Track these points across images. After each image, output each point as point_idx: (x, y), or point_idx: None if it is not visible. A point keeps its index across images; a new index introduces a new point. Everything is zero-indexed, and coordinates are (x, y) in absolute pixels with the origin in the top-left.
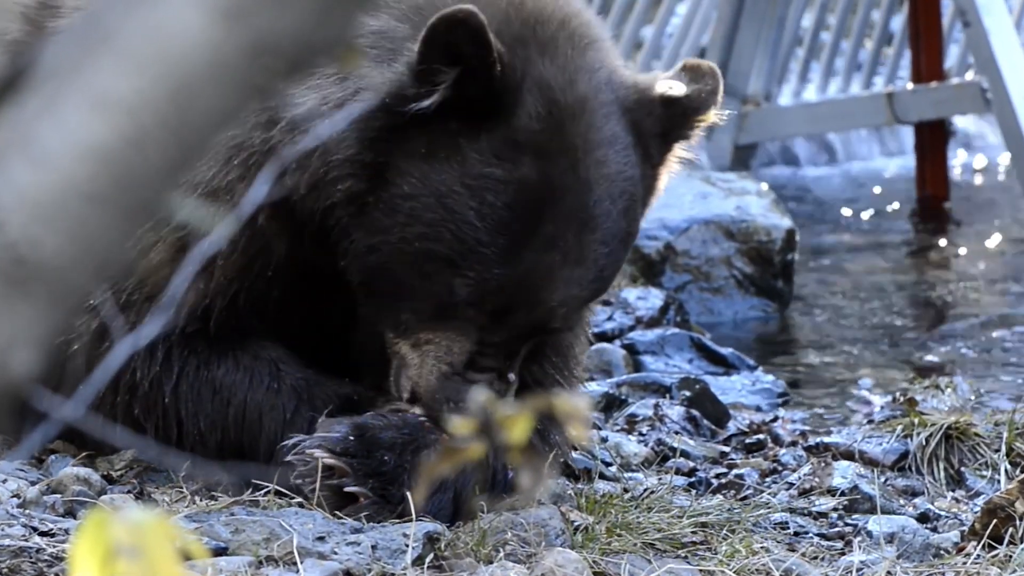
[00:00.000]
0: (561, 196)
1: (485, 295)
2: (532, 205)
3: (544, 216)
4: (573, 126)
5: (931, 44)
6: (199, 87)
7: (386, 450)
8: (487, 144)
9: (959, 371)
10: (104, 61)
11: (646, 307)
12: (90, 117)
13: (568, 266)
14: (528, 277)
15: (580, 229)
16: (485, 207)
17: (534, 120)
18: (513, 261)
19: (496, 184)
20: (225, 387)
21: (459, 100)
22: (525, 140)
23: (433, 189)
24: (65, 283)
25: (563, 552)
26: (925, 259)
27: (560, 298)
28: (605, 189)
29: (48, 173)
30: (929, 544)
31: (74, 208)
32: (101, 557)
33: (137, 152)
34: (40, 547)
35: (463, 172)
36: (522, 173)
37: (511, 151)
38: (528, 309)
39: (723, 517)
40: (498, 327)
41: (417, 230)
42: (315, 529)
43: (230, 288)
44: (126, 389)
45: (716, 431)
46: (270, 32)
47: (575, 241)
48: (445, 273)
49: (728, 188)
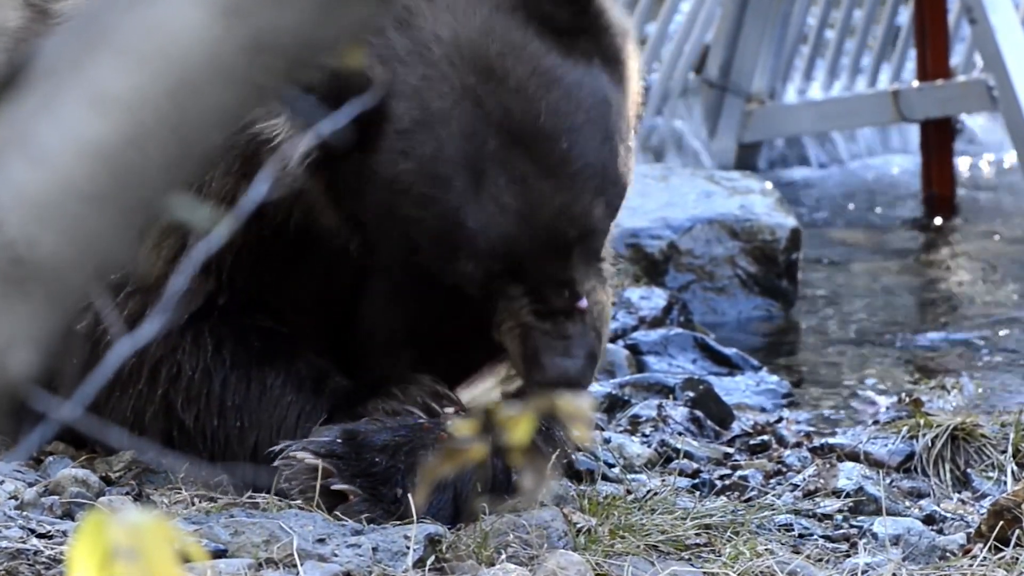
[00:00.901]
0: (488, 136)
1: (493, 263)
2: (462, 164)
3: (477, 162)
4: (457, 71)
5: (937, 41)
6: (199, 85)
7: (378, 452)
8: (384, 152)
9: (965, 371)
10: (103, 58)
11: (649, 307)
12: (89, 115)
13: (539, 186)
14: (514, 223)
15: (527, 147)
16: (420, 200)
17: (406, 120)
18: (489, 220)
19: (414, 176)
20: (275, 387)
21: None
22: (408, 124)
23: (384, 210)
24: (63, 283)
25: (565, 554)
26: (931, 258)
27: (552, 217)
28: (529, 96)
29: (46, 172)
30: (935, 546)
31: (72, 207)
32: (99, 559)
33: (136, 150)
34: (38, 549)
35: (385, 186)
36: (426, 150)
37: (402, 142)
38: (536, 245)
39: (727, 519)
40: (527, 275)
41: (408, 245)
42: (315, 531)
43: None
44: (167, 379)
45: (720, 432)
46: (271, 30)
47: (530, 159)
48: (456, 265)
49: (732, 187)
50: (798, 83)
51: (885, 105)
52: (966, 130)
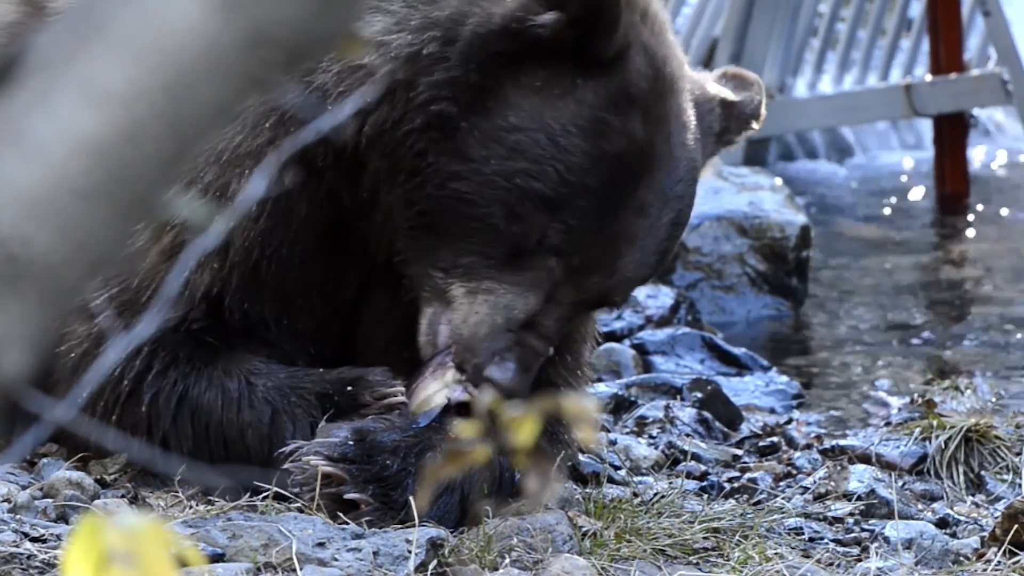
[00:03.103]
0: (657, 165)
1: (574, 247)
2: (636, 164)
3: (641, 180)
4: (671, 99)
5: (950, 34)
6: (196, 79)
7: (388, 454)
8: (605, 89)
9: (979, 372)
10: (98, 52)
11: (656, 306)
12: (83, 109)
13: (647, 237)
14: (616, 238)
15: (663, 204)
16: (597, 151)
17: (643, 80)
18: (609, 217)
19: (610, 131)
20: (202, 408)
21: (579, 40)
22: (636, 95)
23: (544, 125)
24: (57, 281)
25: (570, 559)
26: (944, 256)
27: (633, 268)
28: (686, 170)
29: (40, 167)
30: (948, 550)
31: (66, 204)
32: (94, 564)
33: (132, 145)
34: (31, 553)
35: (578, 113)
36: (632, 127)
37: (625, 103)
38: (606, 273)
39: (736, 522)
40: (572, 288)
41: (519, 165)
42: (315, 535)
43: (250, 258)
44: (112, 394)
45: (728, 434)
46: (268, 22)
47: (657, 214)
48: (540, 215)
49: (741, 183)
50: (808, 77)
51: (897, 99)
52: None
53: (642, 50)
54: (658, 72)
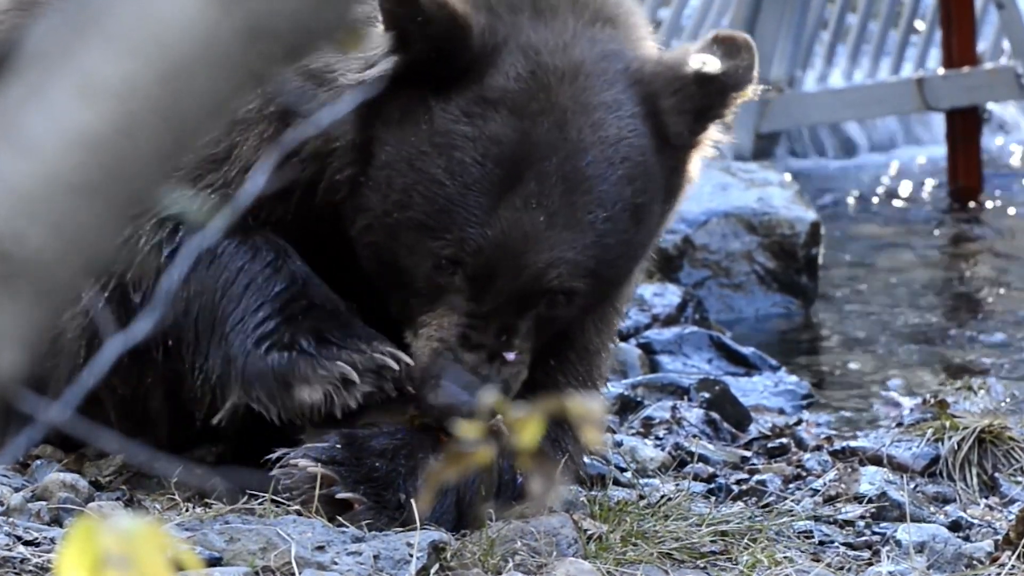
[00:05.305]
0: (545, 155)
1: (464, 257)
2: (508, 162)
3: (524, 175)
4: (562, 87)
5: (963, 27)
6: (193, 72)
7: (377, 456)
8: (456, 103)
9: (992, 371)
10: (93, 45)
11: (663, 304)
12: (78, 103)
13: (555, 228)
14: (508, 237)
15: (570, 190)
16: (453, 164)
17: (512, 80)
18: (490, 220)
19: (463, 140)
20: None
21: (430, 64)
22: (498, 98)
23: (404, 154)
24: (51, 279)
25: (575, 562)
26: (957, 254)
27: (547, 260)
28: (600, 152)
29: (33, 163)
30: (961, 554)
31: (61, 200)
32: (89, 568)
33: (127, 140)
34: (24, 557)
35: (431, 131)
36: (492, 129)
37: (480, 108)
38: (512, 273)
39: (744, 525)
40: (484, 295)
41: (393, 199)
42: (314, 538)
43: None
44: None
45: (736, 435)
46: (267, 15)
47: (563, 202)
48: (424, 240)
49: (749, 179)
50: (818, 70)
51: (909, 93)
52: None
53: (520, 49)
54: (543, 65)
